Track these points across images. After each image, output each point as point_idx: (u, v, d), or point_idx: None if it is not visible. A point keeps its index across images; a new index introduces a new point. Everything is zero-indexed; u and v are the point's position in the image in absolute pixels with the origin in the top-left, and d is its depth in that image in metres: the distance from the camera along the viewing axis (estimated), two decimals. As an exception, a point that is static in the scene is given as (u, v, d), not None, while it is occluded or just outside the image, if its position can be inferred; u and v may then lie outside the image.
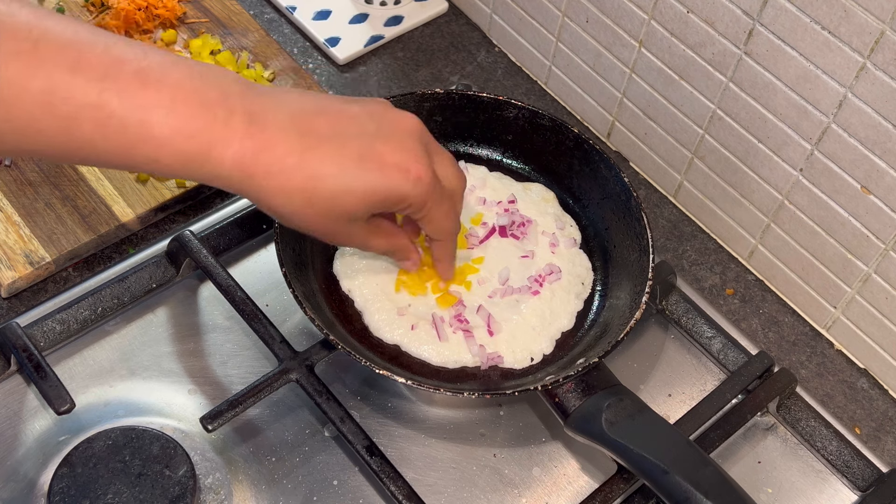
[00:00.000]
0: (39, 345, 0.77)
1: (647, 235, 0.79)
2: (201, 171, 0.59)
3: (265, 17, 1.06)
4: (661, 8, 0.84)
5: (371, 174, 0.63)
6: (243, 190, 0.61)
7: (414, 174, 0.64)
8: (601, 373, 0.75)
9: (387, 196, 0.64)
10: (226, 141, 0.58)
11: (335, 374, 0.80)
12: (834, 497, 0.78)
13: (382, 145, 0.64)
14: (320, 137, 0.62)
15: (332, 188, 0.62)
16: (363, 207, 0.64)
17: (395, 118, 0.66)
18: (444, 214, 0.69)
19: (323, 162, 0.61)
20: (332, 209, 0.63)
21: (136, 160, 0.58)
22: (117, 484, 0.69)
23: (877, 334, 0.83)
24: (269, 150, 0.60)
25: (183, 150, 0.58)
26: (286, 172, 0.60)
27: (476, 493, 0.75)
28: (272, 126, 0.60)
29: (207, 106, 0.58)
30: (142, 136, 0.56)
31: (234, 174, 0.60)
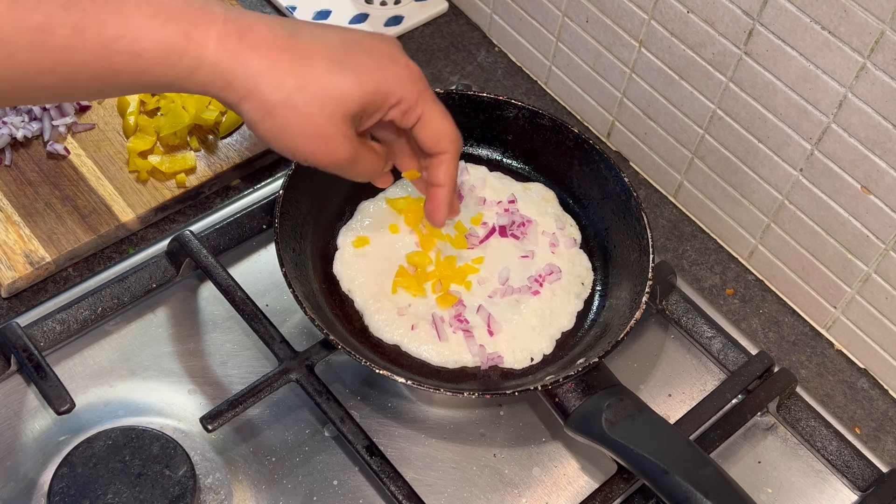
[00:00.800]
0: (39, 345, 0.77)
1: (647, 235, 0.79)
2: (184, 59, 0.56)
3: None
4: (661, 8, 0.84)
5: (363, 63, 0.60)
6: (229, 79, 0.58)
7: (403, 62, 0.63)
8: (601, 373, 0.75)
9: (381, 83, 0.61)
10: (206, 22, 0.56)
11: (335, 374, 0.80)
12: (834, 497, 0.78)
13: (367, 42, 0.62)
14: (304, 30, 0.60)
15: (326, 74, 0.59)
16: (358, 96, 0.60)
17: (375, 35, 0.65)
18: (441, 115, 0.66)
19: (312, 47, 0.59)
20: (325, 98, 0.59)
21: (115, 59, 0.55)
22: (117, 484, 0.69)
23: (877, 334, 0.83)
24: (252, 31, 0.57)
25: (162, 38, 0.55)
26: (275, 52, 0.58)
27: (476, 493, 0.75)
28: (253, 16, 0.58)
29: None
30: (118, 29, 0.54)
31: (220, 59, 0.57)
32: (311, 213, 0.82)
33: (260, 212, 0.86)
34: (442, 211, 0.71)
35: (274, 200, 0.81)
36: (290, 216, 0.79)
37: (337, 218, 0.84)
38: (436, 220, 0.72)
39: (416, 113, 0.64)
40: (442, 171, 0.69)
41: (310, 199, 0.81)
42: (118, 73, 0.56)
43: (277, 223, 0.76)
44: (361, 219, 0.83)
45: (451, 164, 0.68)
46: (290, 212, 0.79)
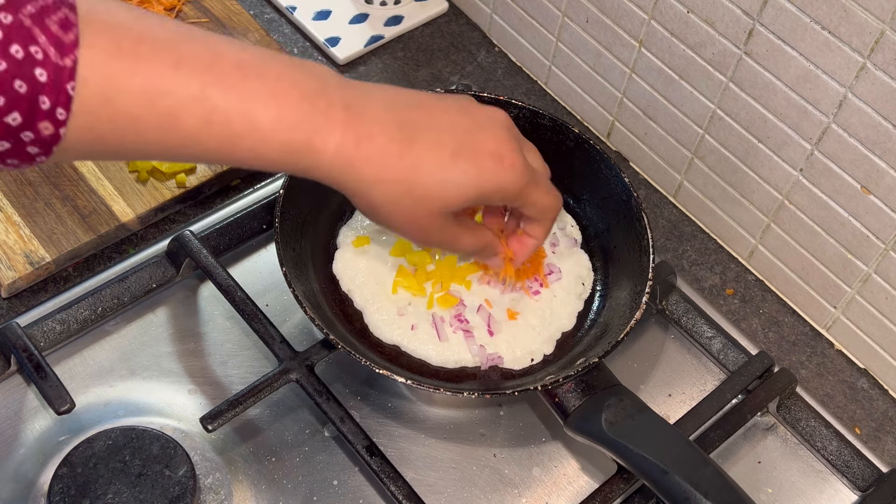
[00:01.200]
0: (39, 345, 0.77)
1: (647, 235, 0.79)
2: (302, 162, 0.59)
3: (265, 16, 1.06)
4: (661, 8, 0.84)
5: (467, 165, 0.63)
6: (342, 181, 0.61)
7: (508, 162, 0.64)
8: (601, 373, 0.75)
9: (483, 186, 0.63)
10: (327, 130, 0.58)
11: (335, 374, 0.80)
12: (834, 497, 0.78)
13: (476, 137, 0.64)
14: (417, 129, 0.62)
15: (431, 179, 0.62)
16: (460, 199, 0.63)
17: (485, 111, 0.67)
18: (543, 193, 0.69)
19: (422, 154, 0.61)
20: (429, 201, 0.62)
21: (238, 154, 0.57)
22: (117, 484, 0.69)
23: (877, 334, 0.83)
24: (369, 140, 0.59)
25: (285, 142, 0.57)
26: (387, 161, 0.60)
27: (476, 493, 0.75)
28: (370, 116, 0.60)
29: (308, 96, 0.57)
30: (245, 128, 0.56)
31: (335, 164, 0.59)
32: (311, 213, 0.81)
33: (260, 212, 0.86)
34: (526, 257, 0.75)
35: (274, 200, 0.81)
36: (290, 216, 0.79)
37: (337, 217, 0.84)
38: (517, 263, 0.76)
39: (518, 202, 0.67)
40: (539, 230, 0.73)
41: (310, 199, 0.81)
42: (240, 162, 0.59)
43: (277, 223, 0.76)
44: (362, 218, 0.83)
45: (548, 226, 0.73)
46: (290, 212, 0.79)
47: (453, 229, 0.67)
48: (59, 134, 0.51)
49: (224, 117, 0.55)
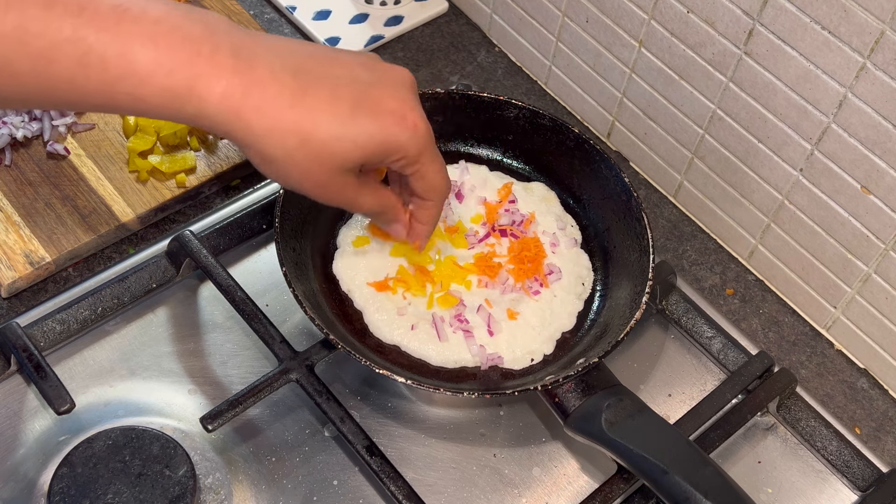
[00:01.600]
0: (39, 345, 0.77)
1: (647, 235, 0.79)
2: (186, 109, 0.56)
3: (265, 16, 1.06)
4: (661, 8, 0.84)
5: (367, 120, 0.60)
6: (231, 131, 0.58)
7: (411, 122, 0.62)
8: (601, 373, 0.75)
9: (382, 143, 0.61)
10: (212, 76, 0.56)
11: (335, 374, 0.80)
12: (834, 497, 0.78)
13: (377, 92, 0.62)
14: (312, 78, 0.59)
15: (328, 133, 0.59)
16: (358, 155, 0.61)
17: (387, 68, 0.64)
18: (437, 170, 0.67)
19: (317, 105, 0.59)
20: (325, 155, 0.60)
21: (117, 99, 0.55)
22: (117, 484, 0.69)
23: (877, 334, 0.83)
24: (259, 88, 0.57)
25: (166, 86, 0.55)
26: (278, 111, 0.58)
27: (476, 493, 0.75)
28: (262, 64, 0.57)
29: (191, 40, 0.55)
30: (122, 70, 0.54)
31: (222, 112, 0.57)
32: (311, 213, 0.81)
33: (260, 212, 0.86)
34: (421, 242, 0.75)
35: (274, 200, 0.81)
36: (290, 216, 0.79)
37: (337, 217, 0.84)
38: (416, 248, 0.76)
39: (413, 168, 0.66)
40: (425, 214, 0.72)
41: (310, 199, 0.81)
42: (120, 108, 0.57)
43: (277, 223, 0.76)
44: (362, 219, 0.83)
45: (435, 210, 0.71)
46: (290, 212, 0.79)
47: (353, 187, 0.64)
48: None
49: (99, 59, 0.53)
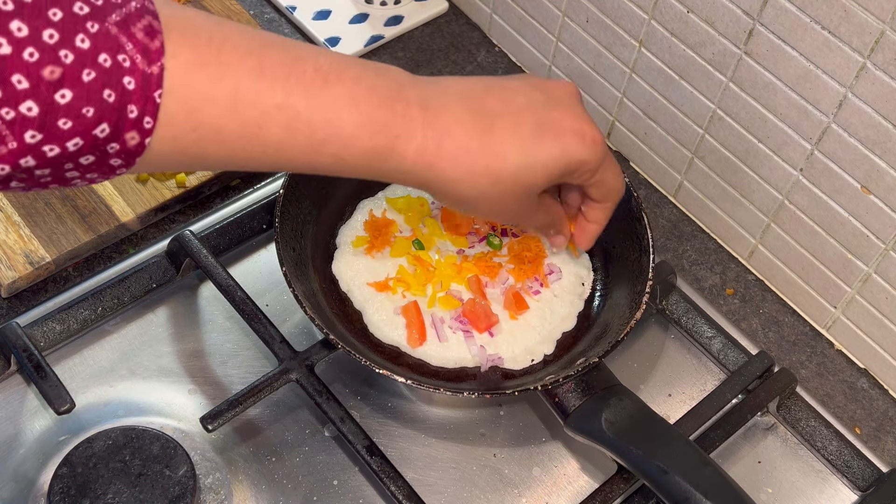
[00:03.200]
0: (39, 345, 0.77)
1: (647, 235, 0.79)
2: (384, 166, 0.59)
3: (265, 16, 1.06)
4: (661, 8, 0.84)
5: (551, 143, 0.62)
6: (425, 181, 0.61)
7: (590, 137, 0.64)
8: (601, 373, 0.75)
9: (568, 163, 0.63)
10: (408, 133, 0.58)
11: (335, 374, 0.80)
12: (834, 497, 0.78)
13: (554, 113, 0.63)
14: (494, 115, 0.61)
15: (515, 165, 0.61)
16: (545, 179, 0.63)
17: (556, 85, 0.66)
18: (614, 175, 0.69)
19: (504, 140, 0.61)
20: (516, 186, 0.62)
21: (321, 160, 0.57)
22: (117, 484, 0.69)
23: (877, 334, 0.83)
24: (450, 138, 0.59)
25: (368, 147, 0.57)
26: (470, 156, 0.60)
27: (476, 493, 0.75)
28: (447, 112, 0.60)
29: (386, 100, 0.58)
30: (328, 135, 0.56)
31: (417, 166, 0.59)
32: (311, 213, 0.82)
33: (260, 212, 0.86)
34: (589, 243, 0.76)
35: (274, 200, 0.81)
36: (290, 216, 0.79)
37: (337, 217, 0.84)
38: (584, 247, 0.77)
39: (594, 178, 0.67)
40: (601, 215, 0.73)
41: (310, 199, 0.81)
42: (322, 169, 0.58)
43: (277, 223, 0.76)
44: (361, 218, 0.83)
45: (610, 210, 0.73)
46: (290, 212, 0.79)
47: (533, 207, 0.67)
48: (144, 144, 0.50)
49: (307, 125, 0.55)
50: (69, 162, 0.49)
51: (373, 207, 0.84)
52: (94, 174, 0.51)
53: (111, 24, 0.47)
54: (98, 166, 0.50)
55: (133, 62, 0.48)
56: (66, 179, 0.51)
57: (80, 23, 0.46)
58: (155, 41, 0.49)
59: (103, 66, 0.47)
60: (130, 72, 0.48)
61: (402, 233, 0.82)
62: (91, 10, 0.47)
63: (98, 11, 0.47)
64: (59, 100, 0.46)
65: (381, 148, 0.58)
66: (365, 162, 0.58)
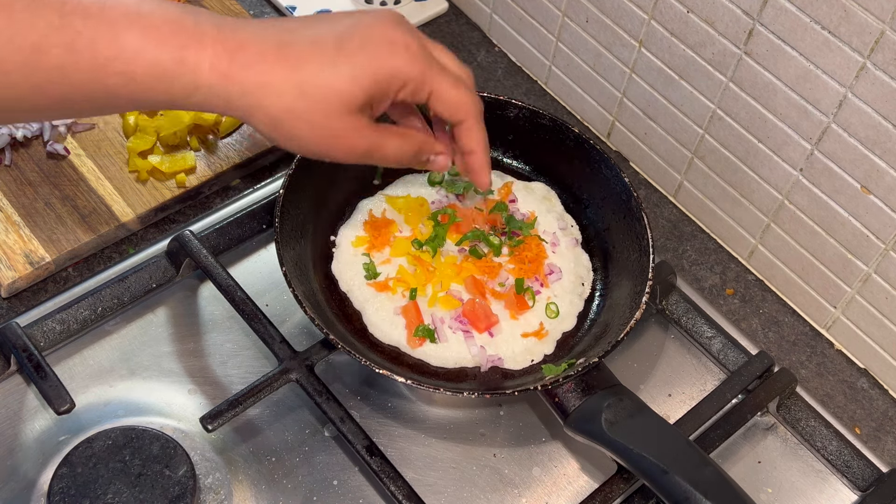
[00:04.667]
0: (39, 345, 0.77)
1: (647, 235, 0.79)
2: (178, 83, 0.56)
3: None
4: (661, 8, 0.84)
5: (355, 51, 0.59)
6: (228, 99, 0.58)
7: (401, 45, 0.61)
8: (601, 373, 0.75)
9: (378, 72, 0.60)
10: (198, 47, 0.56)
11: (335, 374, 0.80)
12: (834, 497, 0.78)
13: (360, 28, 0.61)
14: (294, 34, 0.59)
15: (318, 74, 0.58)
16: (357, 90, 0.59)
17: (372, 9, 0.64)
18: (451, 84, 0.64)
19: (302, 52, 0.58)
20: (325, 98, 0.59)
21: (109, 81, 0.55)
22: (117, 484, 0.69)
23: (877, 334, 0.83)
24: (243, 49, 0.57)
25: (156, 61, 0.55)
26: (266, 65, 0.58)
27: (476, 493, 0.75)
28: (244, 30, 0.58)
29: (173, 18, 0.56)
30: (112, 51, 0.54)
31: (214, 81, 0.57)
32: (311, 213, 0.82)
33: (260, 212, 0.86)
34: (482, 174, 0.70)
35: (274, 200, 0.81)
36: (290, 216, 0.79)
37: (337, 217, 0.84)
38: (481, 184, 0.71)
39: (424, 91, 0.63)
40: (468, 138, 0.68)
41: (310, 199, 0.81)
42: (113, 94, 0.56)
43: (277, 223, 0.76)
44: (361, 218, 0.83)
45: (476, 129, 0.67)
46: (290, 212, 0.79)
47: (374, 134, 0.62)
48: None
49: (89, 42, 0.54)
50: None
51: (373, 207, 0.84)
52: None
53: None
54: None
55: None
56: None
57: None
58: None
59: None
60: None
61: (402, 233, 0.82)
62: None
63: None
64: None
65: (169, 61, 0.56)
66: (156, 79, 0.56)
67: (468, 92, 0.65)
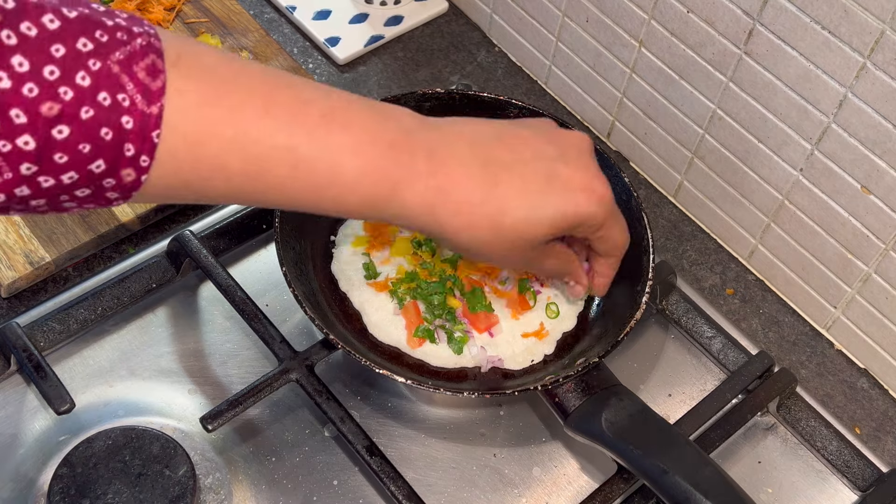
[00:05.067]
0: (39, 345, 0.77)
1: (647, 235, 0.79)
2: (386, 212, 0.59)
3: (265, 16, 1.06)
4: (661, 8, 0.84)
5: (557, 199, 0.62)
6: (427, 227, 0.61)
7: (598, 194, 0.64)
8: (601, 373, 0.75)
9: (573, 219, 0.63)
10: (411, 181, 0.58)
11: (335, 374, 0.80)
12: (834, 497, 0.78)
13: (563, 168, 0.63)
14: (502, 166, 0.61)
15: (519, 218, 0.61)
16: (549, 233, 0.63)
17: (570, 138, 0.66)
18: (620, 230, 0.69)
19: (508, 193, 0.61)
20: (518, 238, 0.62)
21: (322, 203, 0.58)
22: (117, 484, 0.69)
23: (877, 334, 0.83)
24: (454, 187, 0.59)
25: (369, 194, 0.58)
26: (473, 208, 0.60)
27: (476, 493, 0.75)
28: (453, 160, 0.60)
29: (391, 146, 0.58)
30: (330, 179, 0.56)
31: (419, 213, 0.59)
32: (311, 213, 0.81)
33: (260, 212, 0.86)
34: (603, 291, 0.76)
35: (274, 200, 0.81)
36: (290, 216, 0.78)
37: (337, 217, 0.84)
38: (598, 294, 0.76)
39: (599, 233, 0.67)
40: (607, 268, 0.73)
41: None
42: (323, 211, 0.59)
43: (277, 223, 0.76)
44: (361, 219, 0.83)
45: (616, 263, 0.73)
46: (290, 212, 0.79)
47: (539, 255, 0.66)
48: (140, 181, 0.50)
49: (309, 167, 0.55)
50: (64, 193, 0.49)
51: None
52: (91, 204, 0.51)
53: (113, 62, 0.48)
54: (94, 198, 0.51)
55: (133, 102, 0.48)
56: (63, 208, 0.51)
57: (82, 60, 0.47)
58: (157, 81, 0.49)
59: (102, 105, 0.47)
60: (129, 111, 0.48)
61: (402, 233, 0.82)
62: (95, 47, 0.47)
63: (101, 48, 0.47)
64: (56, 135, 0.47)
65: (382, 195, 0.58)
66: (365, 207, 0.59)
67: (627, 236, 0.70)
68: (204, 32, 1.00)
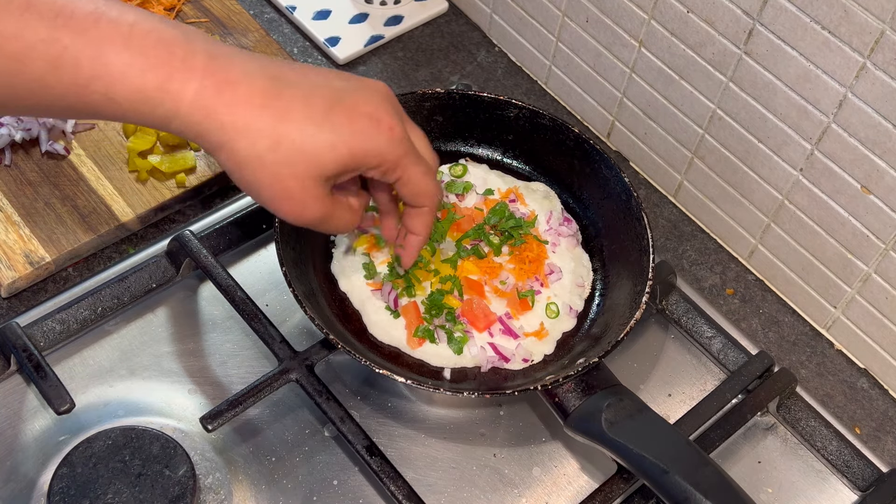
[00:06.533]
0: (39, 345, 0.77)
1: (647, 235, 0.79)
2: (158, 110, 0.56)
3: (265, 16, 1.06)
4: (661, 8, 0.84)
5: (341, 122, 0.59)
6: (202, 132, 0.57)
7: (385, 125, 0.61)
8: (601, 373, 0.75)
9: (358, 147, 0.60)
10: (185, 76, 0.55)
11: (335, 374, 0.80)
12: (834, 497, 0.78)
13: (352, 97, 0.61)
14: (286, 82, 0.59)
15: (299, 134, 0.58)
16: (331, 160, 0.60)
17: (364, 79, 0.64)
18: (422, 172, 0.65)
19: (291, 106, 0.58)
20: (297, 161, 0.58)
21: (89, 99, 0.55)
22: (117, 484, 0.69)
23: (877, 334, 0.83)
24: (232, 87, 0.57)
25: (139, 86, 0.55)
26: (251, 109, 0.57)
27: (476, 493, 0.75)
28: (237, 67, 0.57)
29: (166, 43, 0.55)
30: (95, 71, 0.54)
31: (194, 112, 0.56)
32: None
33: (260, 212, 0.86)
34: (413, 256, 0.73)
35: (274, 200, 0.81)
36: (290, 216, 0.78)
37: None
38: (405, 264, 0.74)
39: (395, 174, 0.64)
40: (419, 223, 0.70)
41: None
42: (94, 110, 0.56)
43: (277, 223, 0.76)
44: (361, 219, 0.83)
45: (429, 217, 0.69)
46: (290, 212, 0.79)
47: (329, 205, 0.63)
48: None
49: (73, 60, 0.53)
50: None
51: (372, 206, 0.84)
52: None
53: None
54: None
55: None
56: None
57: None
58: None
59: None
60: None
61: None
62: None
63: None
64: None
65: (151, 88, 0.55)
66: (136, 102, 0.55)
67: (434, 181, 0.66)
68: (204, 32, 0.99)
